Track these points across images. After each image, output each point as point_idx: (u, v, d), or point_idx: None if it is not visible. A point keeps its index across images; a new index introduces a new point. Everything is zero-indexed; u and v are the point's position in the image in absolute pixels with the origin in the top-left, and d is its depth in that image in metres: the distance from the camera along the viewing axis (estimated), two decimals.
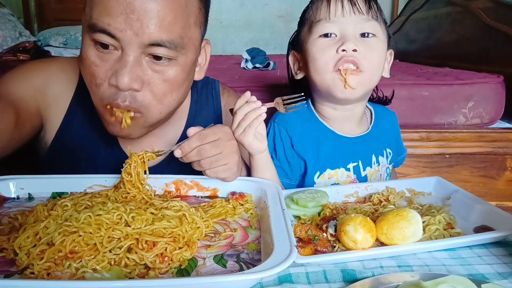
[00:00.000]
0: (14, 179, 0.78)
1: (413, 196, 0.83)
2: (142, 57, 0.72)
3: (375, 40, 0.89)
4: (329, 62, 0.87)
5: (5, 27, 2.40)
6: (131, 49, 0.70)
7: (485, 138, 1.49)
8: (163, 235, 0.59)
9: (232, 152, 0.76)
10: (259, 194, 0.77)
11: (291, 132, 0.96)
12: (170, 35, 0.71)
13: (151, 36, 0.70)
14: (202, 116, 0.99)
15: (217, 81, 1.04)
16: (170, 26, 0.71)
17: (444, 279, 0.50)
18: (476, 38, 1.99)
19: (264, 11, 3.62)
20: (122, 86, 0.71)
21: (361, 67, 0.86)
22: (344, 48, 0.85)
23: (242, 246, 0.61)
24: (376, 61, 0.89)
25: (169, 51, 0.72)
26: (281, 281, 0.54)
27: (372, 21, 0.88)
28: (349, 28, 0.87)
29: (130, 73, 0.71)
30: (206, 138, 0.73)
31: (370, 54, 0.87)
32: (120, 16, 0.68)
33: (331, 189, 0.82)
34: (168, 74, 0.75)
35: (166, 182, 0.81)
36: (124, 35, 0.69)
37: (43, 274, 0.52)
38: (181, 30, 0.73)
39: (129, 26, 0.68)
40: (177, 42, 0.73)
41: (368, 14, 0.87)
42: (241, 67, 2.22)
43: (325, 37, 0.89)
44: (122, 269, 0.54)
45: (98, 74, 0.73)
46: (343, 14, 0.87)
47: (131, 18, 0.68)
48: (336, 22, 0.88)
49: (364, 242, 0.60)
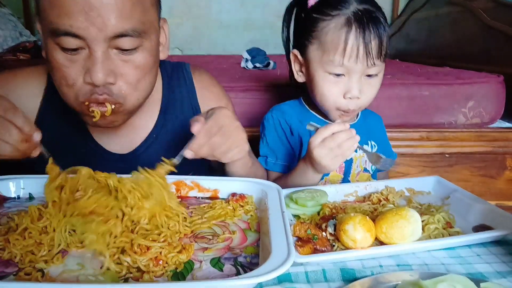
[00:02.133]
0: (14, 179, 0.78)
1: (413, 195, 0.83)
2: (109, 50, 0.73)
3: (376, 79, 0.95)
4: (336, 103, 0.95)
5: (5, 27, 2.40)
6: (98, 44, 0.71)
7: (485, 137, 1.49)
8: (157, 238, 0.59)
9: (239, 134, 0.78)
10: (260, 196, 0.77)
11: (289, 120, 1.06)
12: (132, 22, 0.72)
13: (114, 28, 0.71)
14: (176, 97, 1.00)
15: (188, 63, 1.06)
16: (130, 14, 0.72)
17: (443, 278, 0.50)
18: (476, 38, 1.99)
19: (264, 11, 3.61)
20: (97, 82, 0.72)
21: (357, 108, 0.96)
22: (350, 96, 0.93)
23: (240, 249, 0.61)
24: (373, 95, 0.97)
25: (134, 39, 0.74)
26: (280, 281, 0.54)
27: (379, 64, 0.92)
28: (358, 72, 0.92)
29: (102, 68, 0.72)
30: (212, 131, 0.74)
31: (370, 93, 0.95)
32: (80, 15, 0.68)
33: (331, 188, 0.83)
34: (138, 61, 0.77)
35: None
36: (88, 32, 0.70)
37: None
38: (141, 15, 0.74)
39: (91, 23, 0.69)
40: (140, 29, 0.74)
41: (377, 59, 0.90)
42: (241, 66, 2.21)
43: (334, 76, 0.93)
44: (116, 270, 0.54)
45: (70, 75, 0.75)
46: (356, 61, 0.90)
47: (91, 15, 0.68)
48: (348, 66, 0.91)
49: (363, 241, 0.60)
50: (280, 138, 1.07)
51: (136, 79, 0.78)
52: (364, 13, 0.89)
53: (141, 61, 0.77)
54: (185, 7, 3.50)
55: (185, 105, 1.00)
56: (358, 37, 0.88)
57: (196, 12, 3.55)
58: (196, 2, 3.53)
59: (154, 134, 0.96)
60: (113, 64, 0.74)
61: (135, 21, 0.73)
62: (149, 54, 0.78)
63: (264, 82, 1.59)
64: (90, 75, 0.72)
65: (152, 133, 0.96)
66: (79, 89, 0.75)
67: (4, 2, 2.70)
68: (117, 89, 0.76)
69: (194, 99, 1.01)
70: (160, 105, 0.98)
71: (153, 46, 0.80)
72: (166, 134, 0.97)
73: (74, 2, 0.68)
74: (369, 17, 0.89)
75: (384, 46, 0.90)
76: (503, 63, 1.73)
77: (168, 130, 0.97)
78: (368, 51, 0.88)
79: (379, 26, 0.89)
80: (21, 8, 3.33)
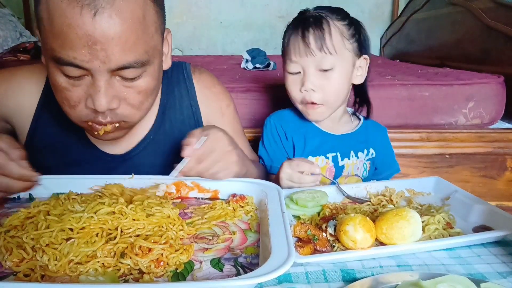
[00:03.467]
0: None
1: (413, 196, 0.83)
2: (112, 78, 0.73)
3: (332, 73, 1.00)
4: (296, 97, 1.04)
5: (5, 28, 2.40)
6: (101, 75, 0.71)
7: (486, 138, 1.49)
8: (158, 240, 0.59)
9: (230, 158, 0.81)
10: (260, 196, 0.77)
11: (286, 127, 1.12)
12: (136, 55, 0.71)
13: (117, 62, 0.70)
14: (175, 96, 1.00)
15: (188, 63, 1.05)
16: (134, 46, 0.71)
17: (443, 278, 0.50)
18: (477, 39, 1.99)
19: (264, 11, 3.61)
20: (100, 109, 0.72)
21: (320, 102, 1.01)
22: (305, 88, 1.00)
23: (240, 250, 0.61)
24: (333, 92, 1.01)
25: (137, 70, 0.73)
26: (281, 281, 0.54)
27: (328, 56, 0.98)
28: (309, 67, 0.99)
29: (105, 96, 0.72)
30: (202, 157, 0.77)
31: (328, 88, 1.00)
32: (83, 48, 0.67)
33: (331, 189, 0.83)
34: (140, 86, 0.76)
35: (167, 183, 0.81)
36: (91, 65, 0.69)
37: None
38: (145, 46, 0.73)
39: (95, 57, 0.68)
40: (143, 59, 0.73)
41: (321, 52, 0.97)
42: (242, 67, 2.21)
43: (292, 74, 1.03)
44: (116, 271, 0.54)
45: (72, 98, 0.74)
46: (300, 54, 0.99)
47: (95, 49, 0.67)
48: (298, 61, 1.00)
49: (364, 242, 0.60)
50: (276, 143, 1.12)
51: (139, 102, 0.78)
52: (310, 16, 1.01)
53: (144, 85, 0.77)
54: (185, 7, 3.50)
55: (184, 105, 1.00)
56: (298, 34, 0.99)
57: (196, 12, 3.55)
58: (196, 2, 3.53)
59: (151, 135, 0.96)
60: (116, 90, 0.74)
61: (138, 54, 0.72)
62: (152, 78, 0.78)
63: (264, 82, 1.59)
64: (93, 102, 0.72)
65: (149, 134, 0.96)
66: (81, 110, 0.75)
67: (4, 3, 2.70)
68: (120, 111, 0.76)
69: (194, 99, 1.00)
70: (158, 104, 0.97)
71: (156, 69, 0.79)
72: (164, 135, 0.97)
73: (78, 36, 0.66)
74: (313, 17, 0.99)
75: (328, 40, 0.97)
76: (503, 64, 1.73)
77: (166, 131, 0.97)
78: (306, 43, 0.97)
79: (319, 23, 0.98)
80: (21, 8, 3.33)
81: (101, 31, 0.66)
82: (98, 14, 0.65)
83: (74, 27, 0.66)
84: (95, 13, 0.65)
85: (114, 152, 0.94)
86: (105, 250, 0.56)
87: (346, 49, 1.00)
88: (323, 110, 1.03)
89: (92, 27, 0.66)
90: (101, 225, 0.60)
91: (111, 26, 0.67)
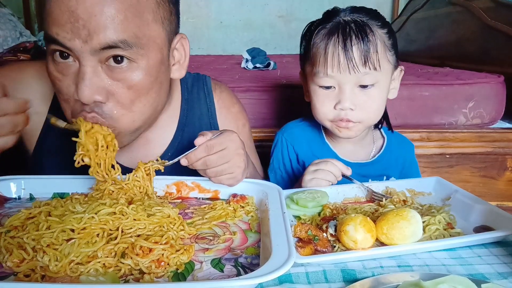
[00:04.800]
0: (15, 179, 0.78)
1: (413, 196, 0.83)
2: (99, 66, 0.69)
3: (373, 90, 0.90)
4: (327, 114, 0.93)
5: (5, 27, 2.39)
6: (85, 58, 0.67)
7: (486, 138, 1.49)
8: (159, 240, 0.59)
9: (239, 162, 0.77)
10: (261, 197, 0.77)
11: (298, 149, 1.04)
12: (122, 34, 0.67)
13: (100, 40, 0.66)
14: (195, 114, 0.96)
15: (208, 76, 1.02)
16: (121, 26, 0.66)
17: (444, 279, 0.50)
18: (477, 38, 1.99)
19: (264, 11, 3.61)
20: (84, 99, 0.67)
21: (357, 120, 0.91)
22: (341, 107, 0.89)
23: (241, 250, 0.61)
24: (374, 110, 0.92)
25: (124, 51, 0.68)
26: (281, 281, 0.54)
27: (371, 73, 0.87)
28: (347, 83, 0.88)
29: (90, 85, 0.67)
30: (213, 149, 0.73)
31: (368, 106, 0.90)
32: (66, 25, 0.65)
33: (331, 189, 0.83)
34: (131, 80, 0.70)
35: (167, 183, 0.81)
36: (73, 44, 0.66)
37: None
38: (136, 29, 0.68)
39: (77, 35, 0.65)
40: (132, 42, 0.68)
41: (365, 67, 0.86)
42: (242, 67, 2.21)
43: (324, 88, 0.91)
44: (117, 272, 0.54)
45: (63, 89, 0.71)
46: (339, 70, 0.87)
47: (77, 26, 0.65)
48: (334, 77, 0.88)
49: (364, 242, 0.60)
50: (285, 166, 1.06)
51: (130, 100, 0.72)
52: (349, 22, 0.88)
53: (135, 79, 0.70)
54: (185, 7, 3.50)
55: (204, 123, 0.96)
56: (337, 45, 0.86)
57: (196, 11, 3.55)
58: (196, 2, 3.53)
59: (169, 152, 0.92)
60: (103, 81, 0.69)
61: (126, 33, 0.67)
62: (145, 73, 0.71)
63: (264, 82, 1.59)
64: (77, 91, 0.68)
65: (167, 150, 0.92)
66: (72, 105, 0.72)
67: (4, 2, 2.70)
68: (108, 110, 0.71)
69: (213, 118, 0.98)
70: (178, 118, 0.93)
71: (151, 65, 0.72)
72: (182, 152, 0.91)
73: (61, 11, 0.65)
74: (353, 26, 0.87)
75: (372, 54, 0.86)
76: (503, 63, 1.73)
77: (184, 148, 0.91)
78: (349, 57, 0.85)
79: (363, 33, 0.86)
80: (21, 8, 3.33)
81: (83, 8, 0.64)
82: None
83: (59, 2, 0.65)
84: None
85: (130, 166, 0.88)
86: (106, 251, 0.56)
87: (387, 62, 0.91)
88: (359, 128, 0.93)
89: (75, 3, 0.64)
90: (102, 226, 0.60)
91: (96, 3, 0.64)
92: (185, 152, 0.74)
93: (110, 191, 0.73)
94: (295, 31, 3.64)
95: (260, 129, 1.46)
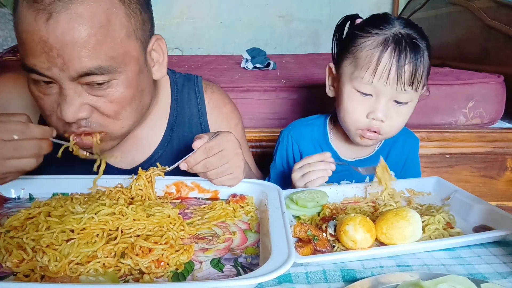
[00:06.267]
0: (15, 179, 0.78)
1: (413, 196, 0.83)
2: (79, 86, 0.69)
3: (406, 108, 0.91)
4: (358, 121, 0.92)
5: (5, 27, 2.40)
6: (65, 83, 0.68)
7: (486, 138, 1.49)
8: (158, 240, 0.59)
9: (238, 162, 0.78)
10: (260, 197, 0.77)
11: (303, 148, 1.05)
12: (97, 61, 0.67)
13: (77, 68, 0.66)
14: (185, 114, 0.97)
15: (200, 77, 1.02)
16: (94, 52, 0.67)
17: (444, 278, 0.50)
18: (477, 38, 1.99)
19: (264, 11, 3.61)
20: (67, 119, 0.69)
21: (384, 133, 0.92)
22: (374, 117, 0.89)
23: (241, 250, 0.61)
24: (399, 126, 0.93)
25: (102, 76, 0.69)
26: (281, 281, 0.54)
27: (411, 92, 0.88)
28: (386, 95, 0.88)
29: (72, 105, 0.69)
30: (211, 151, 0.74)
31: (396, 120, 0.91)
32: (41, 55, 0.66)
33: (331, 189, 0.83)
34: (112, 95, 0.72)
35: (166, 184, 0.81)
36: (51, 73, 0.67)
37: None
38: (110, 51, 0.68)
39: (53, 64, 0.66)
40: (107, 66, 0.68)
41: (409, 86, 0.87)
42: (241, 67, 2.21)
43: (362, 94, 0.90)
44: (116, 272, 0.54)
45: (45, 107, 0.73)
46: (386, 83, 0.87)
47: (51, 55, 0.65)
48: (377, 86, 0.88)
49: (364, 242, 0.60)
50: (288, 163, 1.07)
51: (114, 112, 0.73)
52: (405, 37, 0.87)
53: (116, 94, 0.72)
54: (185, 7, 3.50)
55: (194, 123, 0.97)
56: (392, 58, 0.85)
57: (196, 12, 3.55)
58: (196, 2, 3.53)
59: (159, 152, 0.93)
60: (85, 99, 0.70)
61: (101, 59, 0.67)
62: (125, 87, 0.73)
63: (264, 82, 1.59)
64: (60, 112, 0.69)
65: (157, 150, 0.93)
66: (56, 122, 0.73)
67: (4, 2, 2.70)
68: (94, 120, 0.73)
69: (204, 118, 0.98)
70: (168, 118, 0.94)
71: (130, 77, 0.73)
72: (172, 152, 0.93)
73: (35, 42, 0.65)
74: (409, 42, 0.86)
75: (419, 75, 0.86)
76: (503, 63, 1.73)
77: (173, 148, 0.94)
78: (400, 74, 0.85)
79: (417, 53, 0.86)
80: None
81: (55, 37, 0.64)
82: (52, 19, 0.63)
83: (30, 33, 0.65)
84: (48, 18, 0.63)
85: (120, 166, 0.91)
86: (106, 251, 0.57)
87: (424, 84, 0.91)
88: (379, 139, 0.95)
89: (46, 33, 0.64)
90: (102, 226, 0.60)
91: (66, 31, 0.64)
92: (184, 157, 0.75)
93: (110, 190, 0.73)
94: (295, 31, 3.64)
95: (260, 129, 1.46)
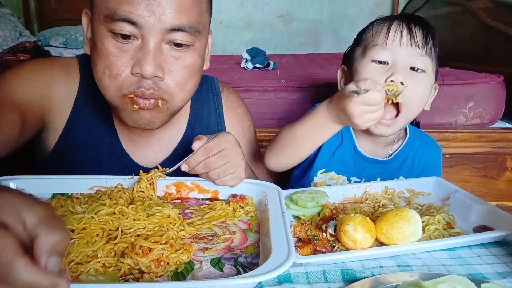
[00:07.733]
0: (15, 179, 0.78)
1: (413, 196, 0.83)
2: (162, 44, 0.73)
3: (423, 76, 0.90)
4: None
5: (5, 27, 2.40)
6: (153, 35, 0.71)
7: (485, 138, 1.49)
8: (159, 240, 0.59)
9: (239, 161, 0.78)
10: (260, 197, 0.77)
11: None
12: (190, 19, 0.73)
13: (173, 20, 0.71)
14: (204, 113, 0.99)
15: (216, 78, 1.04)
16: (189, 10, 0.73)
17: (444, 278, 0.50)
18: (476, 38, 1.99)
19: (264, 11, 3.62)
20: (147, 74, 0.72)
21: (402, 109, 0.88)
22: (393, 79, 0.86)
23: (241, 250, 0.61)
24: (419, 96, 0.91)
25: (188, 36, 0.74)
26: (281, 281, 0.54)
27: (425, 56, 0.89)
28: (402, 59, 0.88)
29: (153, 60, 0.72)
30: (211, 151, 0.75)
31: (415, 89, 0.88)
32: (141, 3, 0.69)
33: (331, 189, 0.83)
34: (187, 61, 0.76)
35: (166, 184, 0.81)
36: (147, 21, 0.70)
37: None
38: (198, 15, 0.75)
39: (151, 12, 0.70)
40: (196, 27, 0.75)
41: (423, 49, 0.89)
42: (241, 67, 2.21)
43: (377, 63, 0.90)
44: (117, 271, 0.54)
45: (116, 65, 0.73)
46: (400, 44, 0.88)
47: (152, 4, 0.69)
48: (392, 50, 0.89)
49: (364, 242, 0.60)
50: None
51: (184, 79, 0.77)
52: (413, 16, 0.93)
53: (190, 60, 0.77)
54: None
55: (212, 123, 0.99)
56: (402, 24, 0.89)
57: None
58: None
59: (179, 150, 0.94)
60: (163, 59, 0.74)
61: (193, 18, 0.74)
62: (198, 56, 0.79)
63: (264, 82, 1.59)
64: (140, 66, 0.71)
65: (177, 148, 0.94)
66: (123, 80, 0.74)
67: (4, 2, 2.70)
68: (164, 85, 0.75)
69: (221, 118, 1.00)
70: (188, 117, 0.96)
71: (202, 49, 0.80)
72: (191, 151, 0.94)
73: None
74: (415, 16, 0.92)
75: (430, 40, 0.89)
76: (503, 63, 1.74)
77: None
78: (412, 34, 0.88)
79: (427, 24, 0.90)
80: (21, 8, 3.33)
81: None
82: None
83: None
84: None
85: (142, 163, 0.92)
86: (106, 250, 0.57)
87: (434, 65, 0.92)
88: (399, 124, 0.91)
89: None
90: (102, 226, 0.60)
91: None
92: (185, 158, 0.75)
93: (111, 190, 0.73)
94: (295, 31, 3.64)
95: (260, 129, 1.46)
